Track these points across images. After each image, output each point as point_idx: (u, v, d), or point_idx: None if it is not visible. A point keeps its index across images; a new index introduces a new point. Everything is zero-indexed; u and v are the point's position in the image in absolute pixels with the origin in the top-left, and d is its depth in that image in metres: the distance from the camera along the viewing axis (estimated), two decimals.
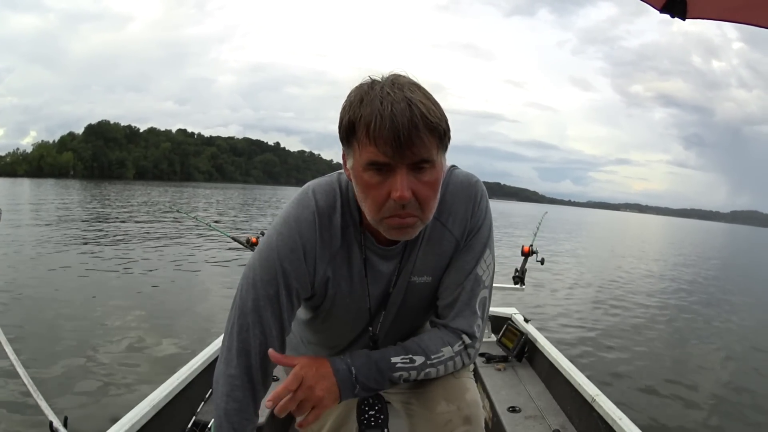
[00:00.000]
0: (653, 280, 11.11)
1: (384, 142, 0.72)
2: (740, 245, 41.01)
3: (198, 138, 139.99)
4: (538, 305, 6.53)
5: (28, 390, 1.35)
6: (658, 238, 35.35)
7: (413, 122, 0.72)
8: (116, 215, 17.13)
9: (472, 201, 0.92)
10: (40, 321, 4.54)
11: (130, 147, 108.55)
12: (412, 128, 0.72)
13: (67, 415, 1.34)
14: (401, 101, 0.73)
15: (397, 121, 0.71)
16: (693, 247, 27.35)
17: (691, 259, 18.37)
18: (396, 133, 0.71)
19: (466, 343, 0.92)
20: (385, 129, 0.72)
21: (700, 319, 7.23)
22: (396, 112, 0.72)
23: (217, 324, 4.66)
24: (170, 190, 46.70)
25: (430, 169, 0.77)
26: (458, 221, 0.92)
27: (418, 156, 0.75)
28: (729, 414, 3.75)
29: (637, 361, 4.77)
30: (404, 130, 0.72)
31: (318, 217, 0.86)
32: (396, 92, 0.74)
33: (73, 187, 41.76)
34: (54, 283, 6.28)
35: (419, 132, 0.73)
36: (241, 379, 0.86)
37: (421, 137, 0.73)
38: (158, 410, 1.51)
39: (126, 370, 3.56)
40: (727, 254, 25.72)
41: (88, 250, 8.95)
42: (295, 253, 0.85)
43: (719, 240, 45.92)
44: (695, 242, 34.86)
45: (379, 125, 0.72)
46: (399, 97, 0.73)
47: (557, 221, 40.55)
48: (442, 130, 0.77)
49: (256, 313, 0.86)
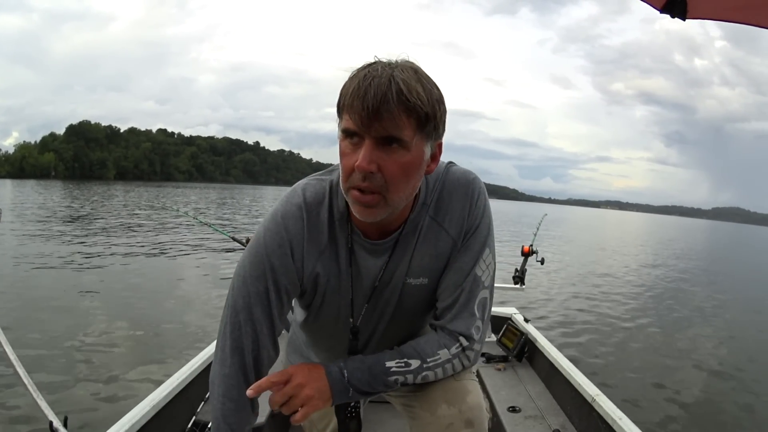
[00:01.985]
0: (635, 276, 11.10)
1: (355, 111, 0.74)
2: (722, 241, 41.16)
3: (178, 138, 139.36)
4: (530, 302, 6.53)
5: (28, 390, 1.35)
6: (640, 235, 35.49)
7: (386, 97, 0.72)
8: (109, 215, 17.12)
9: (469, 199, 0.90)
10: (40, 321, 4.54)
11: (111, 147, 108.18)
12: (383, 102, 0.72)
13: (67, 415, 1.34)
14: (384, 77, 0.73)
15: (371, 92, 0.72)
16: (679, 243, 27.42)
17: (680, 255, 18.40)
18: (366, 103, 0.72)
19: (463, 345, 0.90)
20: (358, 99, 0.73)
21: (698, 318, 7.23)
22: (373, 84, 0.73)
23: (217, 324, 4.65)
24: (152, 190, 46.40)
25: (401, 150, 0.76)
26: (455, 220, 0.90)
27: (387, 131, 0.74)
28: (729, 413, 3.76)
29: (636, 361, 4.78)
30: (374, 102, 0.72)
31: (305, 213, 0.86)
32: (385, 70, 0.74)
33: (55, 187, 41.43)
34: (55, 283, 6.28)
35: (389, 107, 0.73)
36: (237, 379, 0.86)
37: (391, 112, 0.73)
38: (158, 410, 1.51)
39: (126, 370, 3.56)
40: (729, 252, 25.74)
41: (88, 251, 8.94)
42: (282, 249, 0.85)
43: (703, 235, 46.10)
44: (677, 237, 34.98)
45: (354, 95, 0.73)
46: (385, 73, 0.74)
47: (535, 218, 40.75)
48: (422, 112, 0.75)
49: (247, 310, 0.85)
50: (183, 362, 1.85)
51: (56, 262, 7.66)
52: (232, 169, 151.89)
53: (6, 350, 1.50)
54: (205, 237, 11.17)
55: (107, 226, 13.13)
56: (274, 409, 0.84)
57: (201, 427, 1.64)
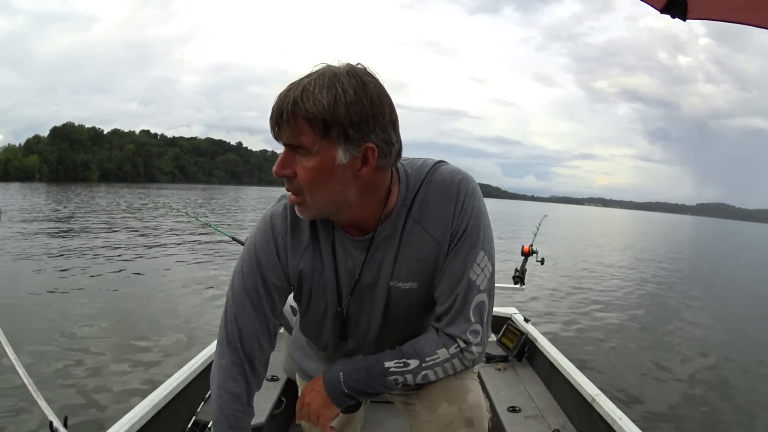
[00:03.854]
0: (627, 273, 11.11)
1: (271, 122, 0.80)
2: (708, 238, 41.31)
3: (161, 139, 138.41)
4: (529, 301, 6.54)
5: (28, 390, 1.35)
6: (626, 231, 35.50)
7: (283, 107, 0.77)
8: (105, 218, 17.12)
9: (453, 201, 0.88)
10: (40, 321, 4.54)
11: (95, 149, 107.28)
12: (281, 112, 0.77)
13: (67, 415, 1.34)
14: (294, 86, 0.78)
15: (276, 104, 0.78)
16: (671, 240, 27.42)
17: (675, 251, 18.41)
18: (272, 114, 0.79)
19: (461, 346, 0.90)
20: (273, 111, 0.79)
21: (698, 318, 7.23)
22: (280, 96, 0.78)
23: (217, 323, 4.65)
24: (137, 191, 46.05)
25: (306, 156, 0.79)
26: (439, 223, 0.88)
27: (289, 139, 0.79)
28: (729, 413, 3.76)
29: (636, 361, 4.78)
30: (277, 112, 0.78)
31: (289, 212, 0.90)
32: (308, 80, 0.78)
33: (39, 190, 41.01)
34: (56, 283, 6.28)
35: (287, 116, 0.77)
36: (231, 371, 0.90)
37: (288, 121, 0.77)
38: (158, 410, 1.51)
39: (126, 370, 3.56)
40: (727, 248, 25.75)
41: (88, 251, 8.94)
42: (268, 246, 0.90)
43: (688, 230, 46.24)
44: (664, 233, 35.00)
45: (274, 108, 0.79)
46: (303, 83, 0.77)
47: (513, 215, 40.65)
48: (318, 119, 0.76)
49: (239, 304, 0.90)
50: (183, 362, 1.85)
51: (56, 262, 7.66)
52: (215, 170, 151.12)
53: (6, 350, 1.50)
54: (205, 237, 11.16)
55: (106, 227, 13.13)
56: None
57: (201, 427, 1.63)
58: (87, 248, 9.20)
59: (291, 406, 1.91)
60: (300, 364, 1.15)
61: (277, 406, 1.85)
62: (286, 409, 1.89)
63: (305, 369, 1.13)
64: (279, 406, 1.87)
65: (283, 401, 1.89)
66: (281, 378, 2.00)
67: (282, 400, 1.89)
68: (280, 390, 1.93)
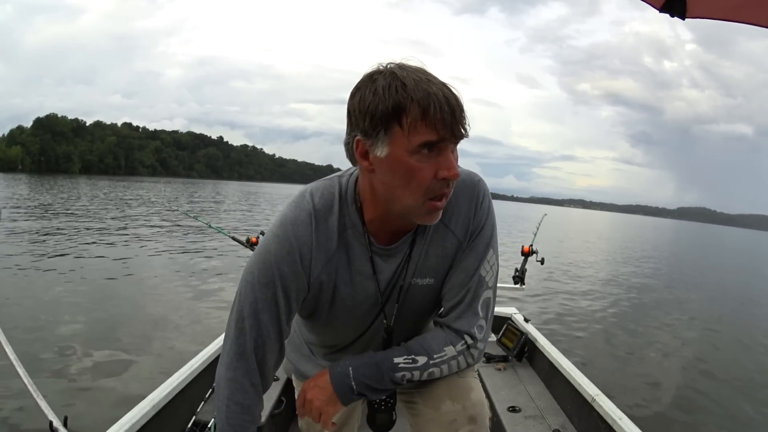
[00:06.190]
0: (615, 274, 11.11)
1: (441, 121, 0.75)
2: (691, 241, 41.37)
3: (143, 132, 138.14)
4: (530, 300, 6.53)
5: (28, 390, 1.35)
6: (610, 233, 35.48)
7: (459, 103, 0.77)
8: (106, 213, 17.12)
9: (474, 200, 0.91)
10: (40, 321, 4.54)
11: (77, 141, 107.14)
12: (460, 108, 0.77)
13: (67, 415, 1.34)
14: (441, 84, 0.77)
15: (452, 102, 0.76)
16: (641, 242, 27.36)
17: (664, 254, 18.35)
18: (453, 111, 0.76)
19: (468, 342, 0.92)
20: (442, 109, 0.75)
21: (699, 318, 7.23)
22: (446, 94, 0.76)
23: (217, 323, 4.66)
24: (119, 184, 45.59)
25: (455, 152, 0.81)
26: (461, 221, 0.91)
27: (465, 134, 0.79)
28: (729, 412, 3.75)
29: (636, 360, 4.78)
30: (457, 110, 0.77)
31: (314, 219, 0.86)
32: (430, 77, 0.77)
33: (22, 181, 40.67)
34: (55, 283, 6.28)
35: (463, 111, 0.78)
36: (241, 383, 0.87)
37: (464, 116, 0.78)
38: (158, 410, 1.50)
39: (126, 370, 3.56)
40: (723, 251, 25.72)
41: (87, 251, 8.94)
42: (291, 256, 0.84)
43: (668, 233, 46.30)
44: (641, 235, 34.89)
45: (438, 106, 0.75)
46: (437, 81, 0.77)
47: (497, 216, 41.05)
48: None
49: (254, 316, 0.85)
50: (183, 362, 1.84)
51: (58, 263, 7.65)
52: (196, 164, 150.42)
53: (6, 350, 1.50)
54: (205, 237, 11.16)
55: (103, 226, 13.13)
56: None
57: (201, 427, 1.63)
58: (86, 248, 9.19)
59: (291, 406, 1.91)
60: (296, 365, 1.15)
61: (277, 406, 1.85)
62: (286, 409, 1.89)
63: (301, 370, 1.13)
64: (279, 406, 1.87)
65: (283, 401, 1.89)
66: (281, 378, 2.00)
67: (282, 400, 1.89)
68: (280, 390, 1.93)
